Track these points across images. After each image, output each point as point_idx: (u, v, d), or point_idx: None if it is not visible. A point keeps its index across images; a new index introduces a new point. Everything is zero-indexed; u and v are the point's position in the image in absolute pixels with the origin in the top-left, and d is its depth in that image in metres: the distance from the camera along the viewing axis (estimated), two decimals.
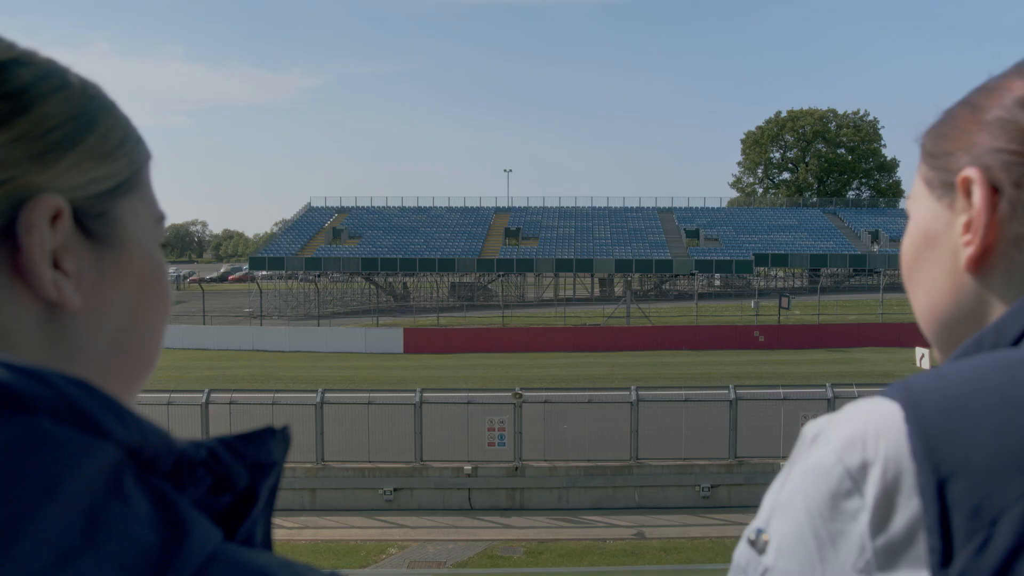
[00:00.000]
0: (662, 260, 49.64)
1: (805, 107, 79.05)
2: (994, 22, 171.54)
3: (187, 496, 0.41)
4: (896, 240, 50.00)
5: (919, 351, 19.45)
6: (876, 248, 52.57)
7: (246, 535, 0.45)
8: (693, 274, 48.18)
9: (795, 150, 79.00)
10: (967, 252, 0.63)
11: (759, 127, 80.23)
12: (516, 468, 15.32)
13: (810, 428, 0.58)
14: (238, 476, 0.45)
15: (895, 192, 75.43)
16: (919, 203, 0.70)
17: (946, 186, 0.66)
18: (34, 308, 0.46)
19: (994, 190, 0.62)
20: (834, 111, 78.39)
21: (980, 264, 0.63)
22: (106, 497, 0.37)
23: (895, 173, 78.00)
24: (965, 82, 0.70)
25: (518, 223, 56.20)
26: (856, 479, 0.53)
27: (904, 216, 2.99)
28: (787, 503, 0.56)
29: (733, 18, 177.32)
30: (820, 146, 77.28)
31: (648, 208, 59.58)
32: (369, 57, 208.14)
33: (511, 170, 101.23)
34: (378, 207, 59.91)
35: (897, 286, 37.40)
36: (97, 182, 0.49)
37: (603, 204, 60.42)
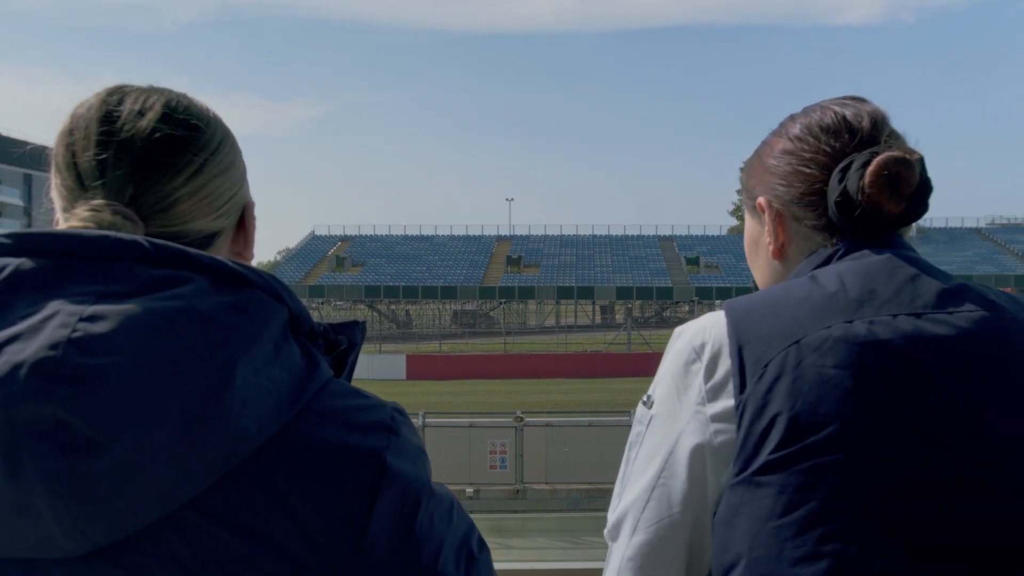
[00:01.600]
0: (663, 287, 49.93)
1: None
2: (991, 58, 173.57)
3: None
4: None
5: None
6: None
7: None
8: (694, 301, 48.43)
9: None
10: (770, 249, 1.03)
11: None
12: (518, 491, 15.46)
13: (676, 331, 0.95)
14: (341, 343, 0.75)
15: None
16: (746, 218, 1.11)
17: (753, 209, 1.07)
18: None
19: (775, 209, 1.02)
20: None
21: (780, 255, 1.03)
22: (282, 337, 0.66)
23: None
24: (962, 113, 1.05)
25: (520, 251, 56.57)
26: (698, 352, 0.90)
27: None
28: (662, 376, 0.93)
29: (733, 48, 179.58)
30: None
31: (649, 236, 59.97)
32: (372, 86, 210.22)
33: (513, 199, 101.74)
34: (381, 235, 60.33)
35: None
36: (247, 191, 0.86)
37: (604, 232, 60.86)
